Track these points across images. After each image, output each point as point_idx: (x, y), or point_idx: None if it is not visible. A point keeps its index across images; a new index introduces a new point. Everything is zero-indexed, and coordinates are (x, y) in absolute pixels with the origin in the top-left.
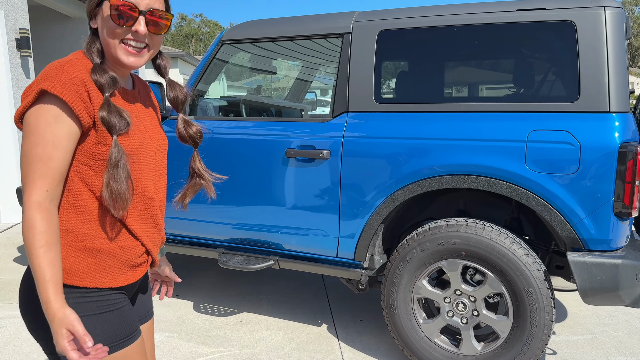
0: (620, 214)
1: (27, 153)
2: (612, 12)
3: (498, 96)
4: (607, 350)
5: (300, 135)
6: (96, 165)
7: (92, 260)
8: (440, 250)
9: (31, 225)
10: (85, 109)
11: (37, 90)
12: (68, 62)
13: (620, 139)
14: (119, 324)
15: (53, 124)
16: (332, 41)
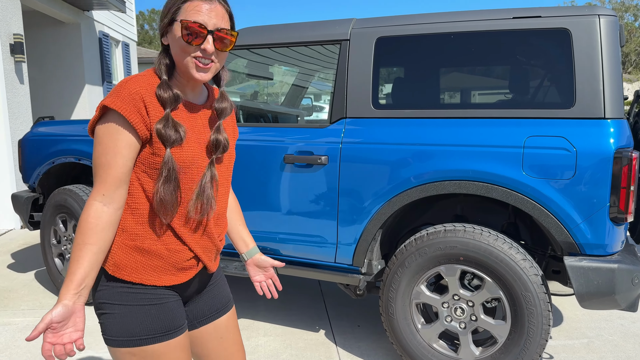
0: (615, 219)
1: (95, 161)
2: (606, 20)
3: (495, 102)
4: (603, 355)
5: (299, 141)
6: (152, 173)
7: (141, 258)
8: (439, 255)
9: (82, 222)
10: (143, 121)
11: (101, 106)
12: (132, 79)
13: (616, 144)
14: (159, 318)
15: (114, 135)
16: (329, 48)
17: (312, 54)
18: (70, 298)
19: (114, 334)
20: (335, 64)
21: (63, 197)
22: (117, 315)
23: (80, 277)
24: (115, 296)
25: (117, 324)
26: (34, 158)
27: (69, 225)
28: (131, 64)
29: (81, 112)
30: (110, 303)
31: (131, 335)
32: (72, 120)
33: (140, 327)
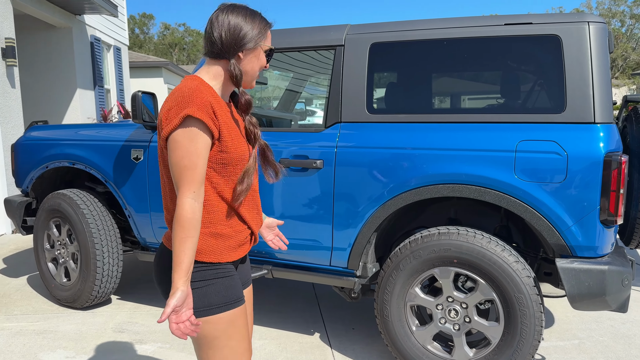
0: (606, 222)
1: (178, 164)
2: (595, 27)
3: (487, 107)
4: (593, 355)
5: (294, 145)
6: (219, 168)
7: (215, 241)
8: (433, 258)
9: (180, 220)
10: (214, 125)
11: (183, 115)
12: (196, 89)
13: (605, 149)
14: (232, 288)
15: (195, 140)
16: (322, 53)
17: (304, 59)
18: (183, 284)
19: (195, 307)
20: (327, 69)
21: (57, 202)
22: (198, 290)
23: (187, 265)
24: (196, 275)
25: (198, 297)
26: (27, 162)
27: (63, 230)
28: (123, 68)
29: (73, 117)
30: (194, 281)
31: (210, 305)
32: (66, 124)
33: (217, 296)
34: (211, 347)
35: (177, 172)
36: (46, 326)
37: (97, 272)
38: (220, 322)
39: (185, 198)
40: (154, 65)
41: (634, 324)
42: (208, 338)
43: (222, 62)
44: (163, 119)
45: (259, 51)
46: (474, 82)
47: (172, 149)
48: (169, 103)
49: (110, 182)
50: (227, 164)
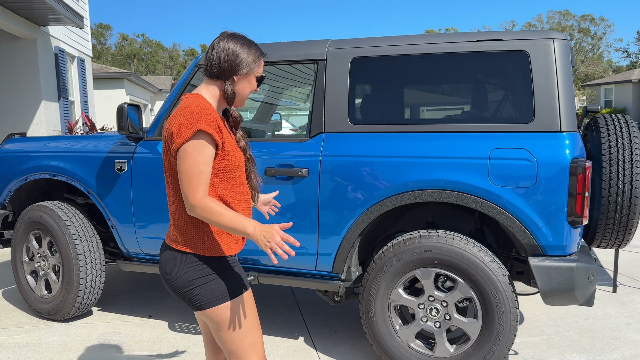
0: (573, 222)
1: (188, 171)
2: (560, 43)
3: (462, 117)
4: (562, 349)
5: (279, 154)
6: (221, 174)
7: (219, 238)
8: (415, 259)
9: (207, 209)
10: (220, 138)
11: (195, 129)
12: (203, 107)
13: (571, 155)
14: (238, 275)
15: (203, 150)
16: (299, 67)
17: (281, 73)
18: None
19: (212, 297)
20: (303, 82)
21: (37, 214)
22: (212, 282)
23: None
24: (207, 270)
25: (214, 288)
26: (5, 175)
27: (44, 242)
28: (87, 79)
29: (37, 129)
30: (204, 276)
31: (225, 292)
32: (45, 136)
33: (229, 284)
34: (233, 326)
35: (187, 178)
36: (29, 339)
37: (81, 283)
38: (235, 305)
39: (200, 196)
40: (116, 77)
41: (596, 319)
42: (229, 320)
43: (218, 83)
44: (174, 133)
45: (251, 77)
46: (449, 94)
47: (182, 158)
48: (179, 118)
49: (93, 194)
50: (227, 170)
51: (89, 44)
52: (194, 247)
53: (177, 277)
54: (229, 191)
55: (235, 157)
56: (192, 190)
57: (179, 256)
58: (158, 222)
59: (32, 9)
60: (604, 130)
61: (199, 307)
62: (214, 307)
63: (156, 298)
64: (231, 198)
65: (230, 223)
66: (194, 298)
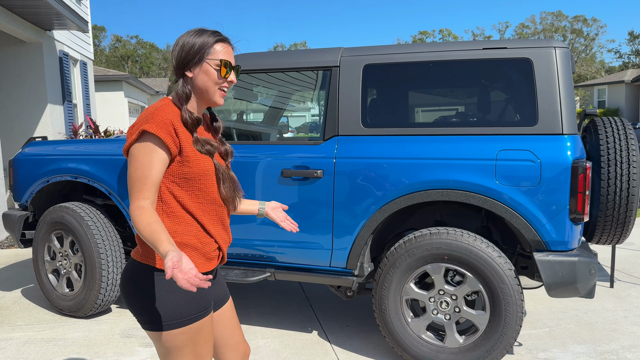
0: (574, 219)
1: (132, 175)
2: (561, 51)
3: (470, 121)
4: (563, 340)
5: (295, 156)
6: (181, 182)
7: (182, 250)
8: (426, 255)
9: (139, 219)
10: (173, 142)
11: (140, 130)
12: (160, 108)
13: (572, 156)
14: (201, 298)
15: (149, 154)
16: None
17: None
18: (171, 247)
19: (166, 319)
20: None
21: (60, 215)
22: (169, 302)
23: (165, 236)
24: (166, 286)
25: (169, 309)
26: (27, 177)
27: (66, 242)
28: (89, 82)
29: (43, 132)
30: (160, 293)
31: (182, 316)
32: (66, 140)
33: (189, 307)
34: (179, 355)
35: (131, 182)
36: (54, 334)
37: (102, 280)
38: (190, 331)
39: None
40: (115, 79)
41: (595, 312)
42: (178, 347)
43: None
44: (127, 135)
45: (206, 67)
46: (456, 99)
47: (129, 161)
48: (135, 121)
49: (114, 195)
50: (189, 178)
51: (90, 47)
52: (149, 258)
53: (130, 289)
54: (194, 202)
55: (198, 164)
56: (136, 193)
57: (137, 266)
58: None
59: (38, 14)
60: (602, 132)
61: (148, 327)
62: (167, 331)
63: None
64: (196, 209)
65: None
66: (142, 316)
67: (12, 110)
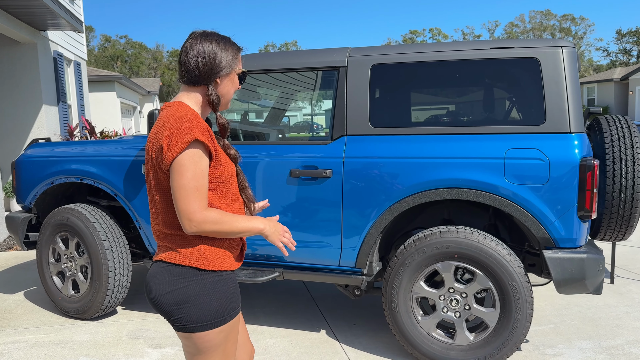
0: (582, 217)
1: (186, 186)
2: (567, 51)
3: (478, 120)
4: (569, 336)
5: (303, 156)
6: (214, 186)
7: (219, 251)
8: (436, 254)
9: (212, 221)
10: (214, 148)
11: (190, 139)
12: (193, 115)
13: (580, 154)
14: (236, 296)
15: (199, 162)
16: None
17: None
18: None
19: (210, 319)
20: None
21: (65, 216)
22: (214, 301)
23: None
24: (209, 286)
25: (214, 308)
26: (30, 179)
27: (71, 243)
28: (83, 83)
29: (39, 133)
30: (205, 293)
31: (224, 314)
32: (69, 141)
33: (230, 305)
34: (211, 354)
35: (184, 194)
36: (61, 337)
37: (109, 282)
38: (227, 329)
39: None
40: (107, 79)
41: (598, 308)
42: (214, 347)
43: (200, 88)
44: (165, 145)
45: (233, 75)
46: (464, 98)
47: (178, 172)
48: (168, 129)
49: (120, 196)
50: (221, 181)
51: (84, 47)
52: (192, 260)
53: (168, 293)
54: (224, 203)
55: (227, 167)
56: (193, 206)
57: (173, 269)
58: None
59: (33, 14)
60: (607, 130)
61: (186, 329)
62: (204, 332)
63: None
64: (227, 210)
65: (241, 227)
66: (183, 319)
67: (6, 111)
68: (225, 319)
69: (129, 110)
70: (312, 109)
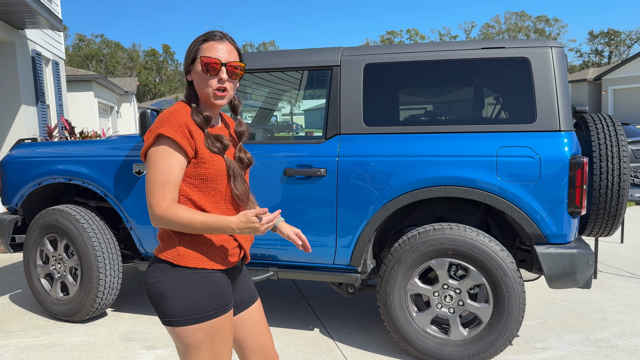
0: (572, 213)
1: (152, 179)
2: (557, 51)
3: (470, 118)
4: (557, 330)
5: (298, 155)
6: (198, 183)
7: (201, 248)
8: (430, 251)
9: (174, 217)
10: (189, 144)
11: (156, 134)
12: (174, 111)
13: (570, 152)
14: (220, 296)
15: (167, 157)
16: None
17: (292, 79)
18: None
19: (184, 315)
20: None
21: (53, 217)
22: (186, 298)
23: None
24: (183, 282)
25: (187, 305)
26: (16, 180)
27: (60, 245)
28: (61, 82)
29: (18, 134)
30: (178, 289)
31: (200, 312)
32: (57, 141)
33: (206, 304)
34: (198, 352)
35: (152, 186)
36: (51, 340)
37: (100, 284)
38: (208, 328)
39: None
40: (84, 79)
41: (583, 303)
42: (197, 344)
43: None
44: (144, 139)
45: (197, 65)
46: (456, 97)
47: (147, 166)
48: (152, 125)
49: (111, 196)
50: (206, 179)
51: (62, 46)
52: (167, 255)
53: (151, 284)
54: (211, 202)
55: (214, 165)
56: (157, 200)
57: (156, 263)
58: None
59: (10, 12)
60: (593, 128)
61: (168, 322)
62: (183, 327)
63: None
64: (214, 210)
65: (205, 225)
66: (164, 311)
67: None
68: (202, 317)
69: (106, 111)
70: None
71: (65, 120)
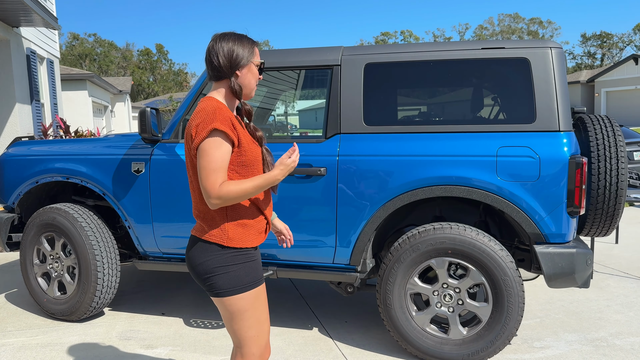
0: (571, 213)
1: (207, 167)
2: (556, 51)
3: (470, 118)
4: (555, 330)
5: None
6: (240, 169)
7: (242, 230)
8: (430, 250)
9: (230, 193)
10: (235, 135)
11: (210, 128)
12: (218, 107)
13: (569, 152)
14: (256, 269)
15: (219, 147)
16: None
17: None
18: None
19: (230, 287)
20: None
21: (51, 216)
22: (232, 273)
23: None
24: (229, 260)
25: (232, 278)
26: (13, 178)
27: (57, 244)
28: (56, 81)
29: (12, 132)
30: (225, 265)
31: (242, 284)
32: (55, 140)
33: (247, 277)
34: (242, 317)
35: (205, 174)
36: (48, 339)
37: (98, 283)
38: (250, 297)
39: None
40: (79, 78)
41: (580, 302)
42: (241, 311)
43: (224, 82)
44: (193, 133)
45: (251, 66)
46: (458, 97)
47: (201, 156)
48: (196, 120)
49: (109, 195)
50: (246, 165)
51: (57, 45)
52: (217, 238)
53: (200, 264)
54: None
55: (252, 152)
56: (212, 184)
57: (203, 245)
58: (176, 221)
59: (5, 10)
60: (592, 129)
61: (216, 294)
62: (230, 297)
63: (164, 297)
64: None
65: (256, 187)
66: (213, 285)
67: None
68: (245, 287)
69: (100, 110)
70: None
71: (60, 119)
